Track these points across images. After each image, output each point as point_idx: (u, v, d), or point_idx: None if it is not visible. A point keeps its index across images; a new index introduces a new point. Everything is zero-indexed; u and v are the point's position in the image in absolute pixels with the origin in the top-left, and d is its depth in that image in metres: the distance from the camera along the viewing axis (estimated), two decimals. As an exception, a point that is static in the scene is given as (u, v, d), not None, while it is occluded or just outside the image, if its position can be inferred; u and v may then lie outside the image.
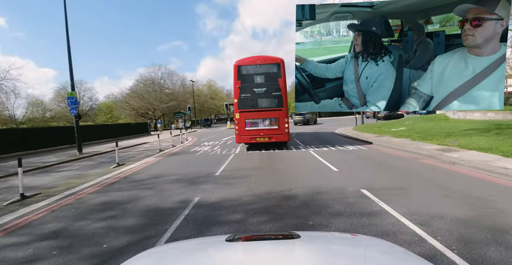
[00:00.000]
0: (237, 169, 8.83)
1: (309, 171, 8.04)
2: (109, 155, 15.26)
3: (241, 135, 12.74)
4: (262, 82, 12.26)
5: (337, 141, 15.09)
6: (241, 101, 12.49)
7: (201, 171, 8.77)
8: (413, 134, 14.10)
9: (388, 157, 9.70)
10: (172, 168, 9.86)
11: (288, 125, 12.77)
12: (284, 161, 10.02)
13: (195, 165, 10.14)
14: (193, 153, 13.31)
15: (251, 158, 11.22)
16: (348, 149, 12.05)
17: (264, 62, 12.30)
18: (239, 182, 6.96)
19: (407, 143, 11.86)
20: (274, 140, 12.65)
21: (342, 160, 9.45)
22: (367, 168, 7.93)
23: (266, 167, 8.99)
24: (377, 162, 8.67)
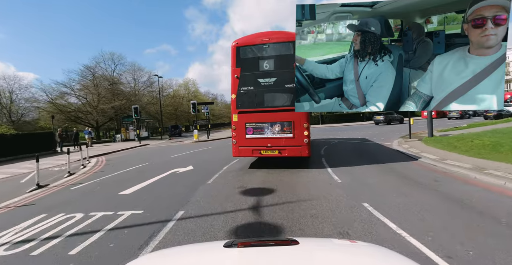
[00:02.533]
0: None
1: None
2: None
3: (239, 145, 8.84)
4: (271, 69, 8.56)
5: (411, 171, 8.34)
6: (240, 97, 8.79)
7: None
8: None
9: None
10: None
11: (309, 133, 8.35)
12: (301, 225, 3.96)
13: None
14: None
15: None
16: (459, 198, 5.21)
17: (274, 40, 8.54)
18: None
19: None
20: (287, 154, 8.45)
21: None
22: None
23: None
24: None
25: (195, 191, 6.14)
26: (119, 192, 6.39)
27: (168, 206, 5.10)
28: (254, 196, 5.46)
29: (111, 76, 36.41)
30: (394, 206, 4.45)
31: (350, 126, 32.61)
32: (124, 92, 36.88)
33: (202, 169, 8.99)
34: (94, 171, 9.94)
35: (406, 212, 4.21)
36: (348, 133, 22.31)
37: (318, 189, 5.75)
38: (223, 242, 1.42)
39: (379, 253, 1.38)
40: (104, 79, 34.05)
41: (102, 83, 33.36)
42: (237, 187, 6.21)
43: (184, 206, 5.03)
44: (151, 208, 5.08)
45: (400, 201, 4.72)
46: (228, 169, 8.74)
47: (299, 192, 5.58)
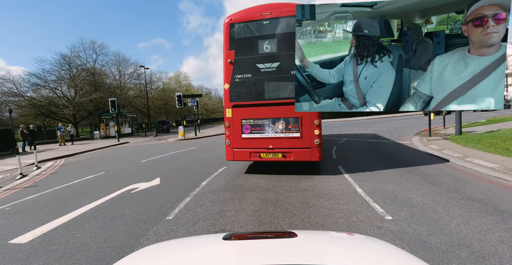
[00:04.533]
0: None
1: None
2: None
3: (234, 147, 7.04)
4: (273, 51, 6.78)
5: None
6: (235, 87, 7.00)
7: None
8: None
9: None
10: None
11: (320, 132, 6.58)
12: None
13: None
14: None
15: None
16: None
17: (277, 14, 6.71)
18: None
19: None
20: (292, 158, 6.64)
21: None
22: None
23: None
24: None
25: (140, 238, 3.51)
26: (10, 240, 3.72)
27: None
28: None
29: (92, 67, 32.92)
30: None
31: (351, 121, 30.08)
32: (108, 84, 33.52)
33: (172, 184, 6.33)
34: (24, 186, 7.19)
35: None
36: (353, 129, 19.82)
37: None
38: (222, 234, 1.44)
39: (376, 245, 1.39)
40: (83, 69, 30.58)
41: (81, 74, 29.86)
42: (213, 233, 3.60)
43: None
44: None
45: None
46: (208, 185, 6.11)
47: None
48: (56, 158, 12.97)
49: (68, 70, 28.68)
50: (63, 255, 3.20)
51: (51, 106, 26.53)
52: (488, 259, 2.68)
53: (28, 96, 26.02)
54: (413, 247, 2.96)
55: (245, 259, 1.17)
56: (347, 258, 1.17)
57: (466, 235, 3.20)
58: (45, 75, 27.06)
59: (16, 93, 25.35)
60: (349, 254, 1.23)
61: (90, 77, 29.82)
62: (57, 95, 28.02)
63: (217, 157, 9.81)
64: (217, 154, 10.50)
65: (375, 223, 3.67)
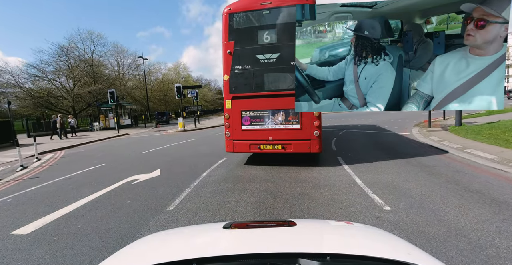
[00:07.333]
0: None
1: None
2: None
3: (234, 138, 7.02)
4: (273, 42, 6.72)
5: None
6: (235, 78, 6.93)
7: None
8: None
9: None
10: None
11: (320, 124, 6.58)
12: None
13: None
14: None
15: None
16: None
17: (278, 4, 6.58)
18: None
19: None
20: (292, 150, 6.67)
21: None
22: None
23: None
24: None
25: (141, 228, 3.55)
26: (12, 231, 3.77)
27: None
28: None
29: (90, 58, 32.50)
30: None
31: (351, 113, 29.95)
32: (106, 75, 33.16)
33: (172, 176, 6.36)
34: (25, 178, 7.22)
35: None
36: (352, 120, 19.80)
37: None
38: (222, 223, 1.44)
39: (374, 233, 1.39)
40: (81, 60, 30.20)
41: (79, 65, 29.51)
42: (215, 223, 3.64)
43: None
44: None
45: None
46: (208, 176, 6.14)
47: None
48: (56, 149, 13.00)
49: (66, 61, 28.29)
50: (65, 245, 3.25)
51: (50, 97, 26.38)
52: (485, 249, 2.72)
53: (26, 88, 25.83)
54: (411, 237, 3.00)
55: (245, 247, 1.18)
56: (345, 246, 1.19)
57: (464, 225, 3.24)
58: (43, 66, 26.76)
59: (15, 85, 25.14)
60: (347, 242, 1.24)
61: (88, 68, 29.44)
62: (55, 87, 27.82)
63: (217, 148, 9.82)
64: (217, 146, 10.51)
65: (374, 213, 3.70)
